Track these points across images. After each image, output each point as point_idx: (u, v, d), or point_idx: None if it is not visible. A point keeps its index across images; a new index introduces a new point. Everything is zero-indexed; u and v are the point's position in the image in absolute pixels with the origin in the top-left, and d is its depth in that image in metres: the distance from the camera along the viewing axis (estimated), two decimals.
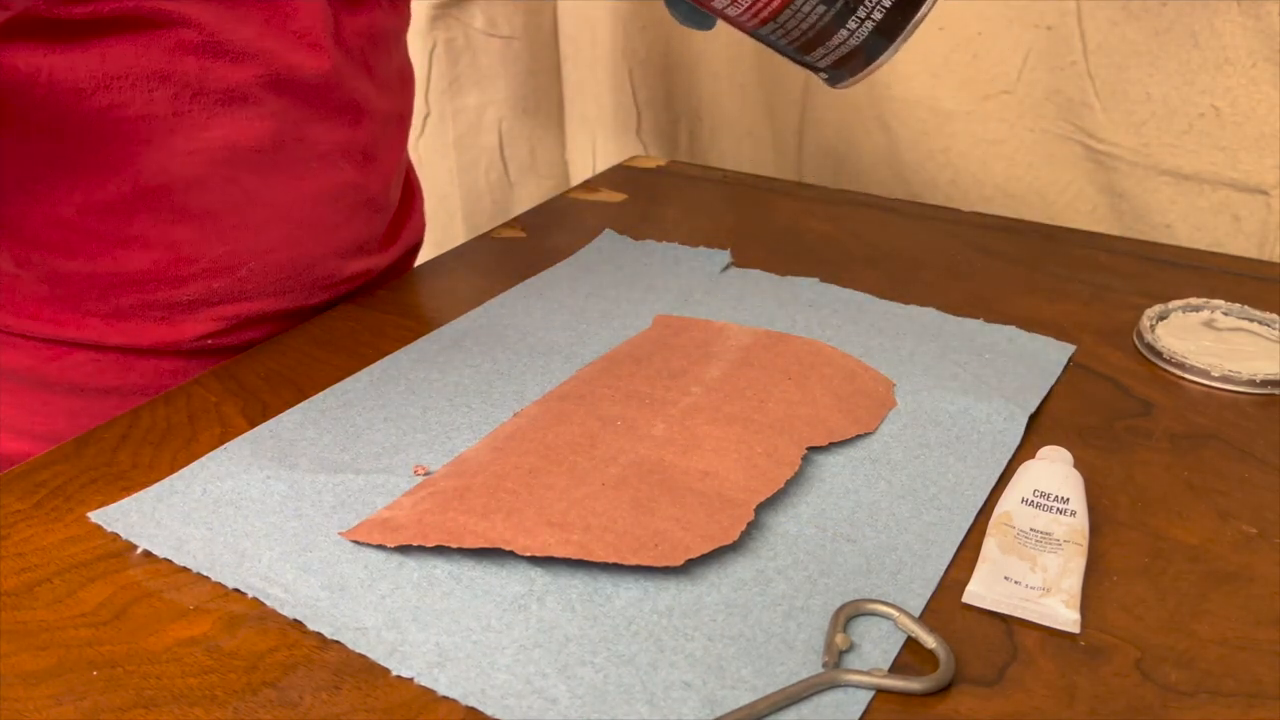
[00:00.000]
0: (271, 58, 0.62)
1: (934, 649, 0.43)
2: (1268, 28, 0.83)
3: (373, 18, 0.70)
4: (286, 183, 0.66)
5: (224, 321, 0.67)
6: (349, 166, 0.69)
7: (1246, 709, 0.41)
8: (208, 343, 0.68)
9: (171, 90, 0.59)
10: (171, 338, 0.66)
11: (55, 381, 0.67)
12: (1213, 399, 0.62)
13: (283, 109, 0.64)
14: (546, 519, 0.48)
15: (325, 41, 0.65)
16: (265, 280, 0.68)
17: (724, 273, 0.76)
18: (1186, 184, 0.90)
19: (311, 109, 0.65)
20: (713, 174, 0.98)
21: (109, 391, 0.67)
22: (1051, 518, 0.49)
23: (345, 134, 0.68)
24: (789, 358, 0.62)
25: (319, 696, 0.41)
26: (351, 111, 0.68)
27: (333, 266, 0.71)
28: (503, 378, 0.63)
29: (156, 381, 0.68)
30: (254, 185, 0.64)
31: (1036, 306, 0.72)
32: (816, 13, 0.49)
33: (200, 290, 0.65)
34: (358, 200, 0.70)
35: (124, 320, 0.65)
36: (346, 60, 0.67)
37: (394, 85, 0.73)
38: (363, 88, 0.68)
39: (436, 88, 1.23)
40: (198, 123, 0.60)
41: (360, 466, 0.54)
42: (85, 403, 0.67)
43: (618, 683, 0.42)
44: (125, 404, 0.66)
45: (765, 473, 0.52)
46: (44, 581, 0.47)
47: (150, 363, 0.67)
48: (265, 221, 0.66)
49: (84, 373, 0.66)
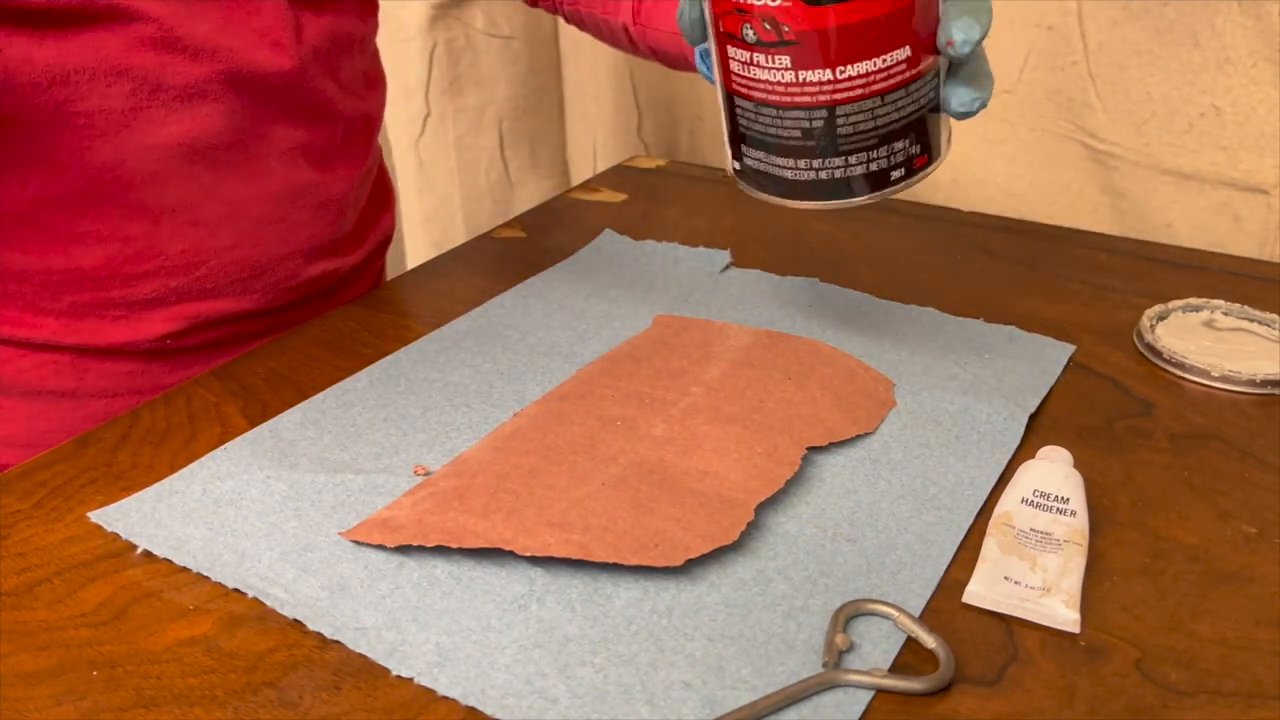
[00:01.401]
0: (231, 55, 0.61)
1: (934, 649, 0.43)
2: (1268, 27, 0.83)
3: (337, 20, 0.69)
4: (245, 181, 0.65)
5: (184, 321, 0.67)
6: (310, 167, 0.69)
7: (1246, 709, 0.41)
8: (167, 343, 0.67)
9: (129, 85, 0.58)
10: (130, 337, 0.66)
11: (11, 385, 0.66)
12: (1213, 399, 0.62)
13: (242, 107, 0.63)
14: (547, 519, 0.48)
15: (287, 41, 0.64)
16: (224, 279, 0.67)
17: (724, 273, 0.76)
18: (1187, 184, 0.90)
19: (272, 108, 0.65)
20: (713, 174, 0.98)
21: (66, 394, 0.67)
22: (1051, 518, 0.49)
23: (306, 134, 0.68)
24: (789, 358, 0.62)
25: (319, 696, 0.41)
26: (313, 112, 0.68)
27: (294, 267, 0.70)
28: (503, 378, 0.63)
29: (116, 384, 0.67)
30: (211, 182, 0.64)
31: (1036, 306, 0.72)
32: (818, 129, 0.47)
33: (158, 288, 0.65)
34: (319, 201, 0.70)
35: (80, 319, 0.65)
36: (309, 61, 0.66)
37: (359, 88, 0.73)
38: (326, 89, 0.68)
39: (436, 88, 1.23)
40: (155, 118, 0.60)
41: (360, 466, 0.54)
42: (43, 405, 0.67)
43: (618, 683, 0.42)
44: (83, 406, 0.66)
45: (765, 473, 0.52)
46: (44, 581, 0.47)
47: (108, 364, 0.67)
48: (223, 219, 0.65)
49: (40, 375, 0.66)
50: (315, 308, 0.74)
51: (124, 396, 0.68)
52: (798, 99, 0.46)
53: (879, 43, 0.45)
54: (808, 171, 0.48)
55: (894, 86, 0.46)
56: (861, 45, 0.45)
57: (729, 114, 0.50)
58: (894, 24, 0.45)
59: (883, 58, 0.45)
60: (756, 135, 0.49)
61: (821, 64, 0.45)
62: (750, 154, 0.50)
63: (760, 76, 0.47)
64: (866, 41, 0.45)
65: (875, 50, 0.45)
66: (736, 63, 0.48)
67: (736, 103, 0.49)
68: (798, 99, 0.46)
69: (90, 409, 0.67)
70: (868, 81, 0.46)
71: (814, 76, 0.46)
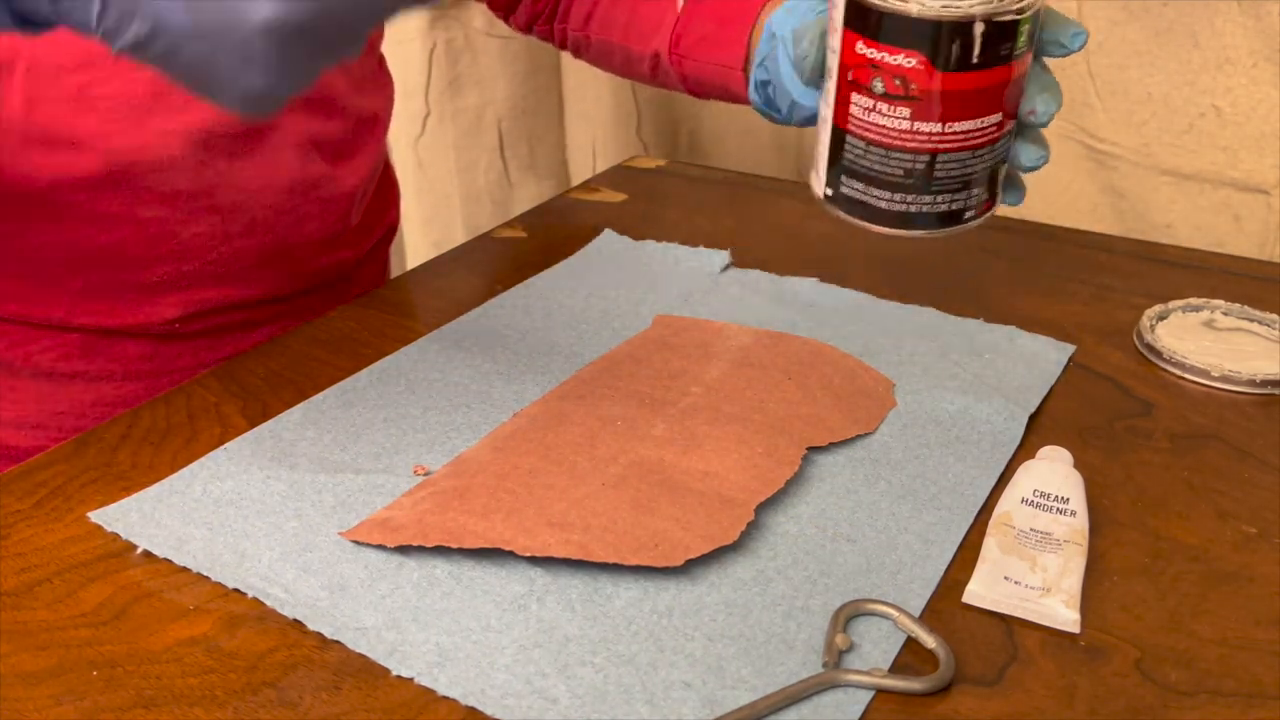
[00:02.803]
0: None
1: (934, 649, 0.43)
2: (1268, 27, 0.83)
3: None
4: (259, 169, 0.66)
5: (195, 305, 0.68)
6: (321, 160, 0.70)
7: (1246, 709, 0.41)
8: (177, 327, 0.68)
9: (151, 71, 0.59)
10: (141, 319, 0.67)
11: (21, 367, 0.67)
12: (1213, 399, 0.62)
13: None
14: (547, 519, 0.48)
15: None
16: (236, 265, 0.68)
17: (724, 273, 0.76)
18: (1187, 184, 0.90)
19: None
20: (713, 174, 0.98)
21: (76, 376, 0.67)
22: (1051, 518, 0.49)
23: (318, 127, 0.69)
24: (789, 358, 0.62)
25: (319, 696, 0.41)
26: (325, 106, 0.69)
27: (304, 256, 0.72)
28: (503, 378, 0.63)
29: (125, 366, 0.68)
30: (226, 169, 0.65)
31: (1036, 306, 0.72)
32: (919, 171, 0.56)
33: (170, 272, 0.66)
34: (329, 195, 0.71)
35: (93, 300, 0.65)
36: None
37: (369, 87, 0.75)
38: (338, 84, 0.70)
39: (436, 88, 1.23)
40: (175, 105, 0.61)
41: (360, 466, 0.54)
42: (53, 387, 0.67)
43: (617, 683, 0.42)
44: (93, 389, 0.67)
45: (765, 473, 0.52)
46: (44, 581, 0.47)
47: (118, 346, 0.68)
48: (236, 207, 0.66)
49: (51, 357, 0.67)
50: (324, 296, 0.75)
51: (134, 380, 0.69)
52: (908, 144, 0.56)
53: (981, 107, 0.55)
54: (900, 205, 0.57)
55: (985, 143, 0.56)
56: (968, 107, 0.55)
57: (835, 148, 0.58)
58: (996, 93, 0.55)
59: (982, 119, 0.55)
60: (861, 170, 0.57)
61: (934, 118, 0.55)
62: (849, 184, 0.58)
63: (879, 122, 0.56)
64: (972, 105, 0.55)
65: (978, 112, 0.55)
66: (858, 108, 0.56)
67: (848, 140, 0.57)
68: (908, 144, 0.56)
69: (100, 391, 0.68)
70: (967, 137, 0.55)
71: (925, 128, 0.55)
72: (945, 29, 0.53)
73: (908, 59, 0.54)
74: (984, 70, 0.54)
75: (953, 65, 0.54)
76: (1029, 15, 0.53)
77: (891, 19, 0.54)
